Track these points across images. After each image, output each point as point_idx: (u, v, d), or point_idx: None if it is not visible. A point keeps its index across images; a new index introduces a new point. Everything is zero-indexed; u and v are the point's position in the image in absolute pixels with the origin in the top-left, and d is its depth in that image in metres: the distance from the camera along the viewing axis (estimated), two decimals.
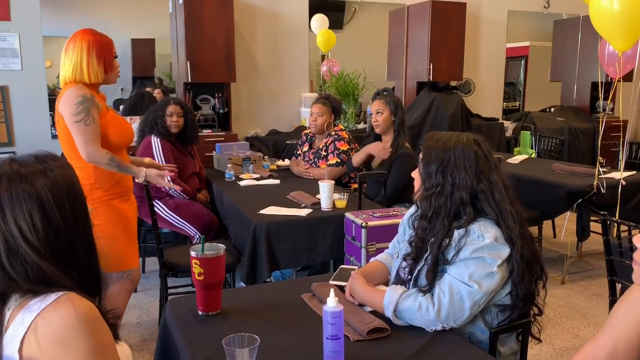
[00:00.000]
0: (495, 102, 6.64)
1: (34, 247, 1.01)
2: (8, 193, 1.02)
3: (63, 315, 0.95)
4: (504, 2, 6.39)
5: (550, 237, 4.76)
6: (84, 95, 2.26)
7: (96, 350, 0.98)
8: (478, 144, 1.61)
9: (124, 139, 2.44)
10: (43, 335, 0.94)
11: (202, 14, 4.66)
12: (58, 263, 1.04)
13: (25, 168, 1.05)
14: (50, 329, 0.95)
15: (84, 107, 2.25)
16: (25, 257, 1.01)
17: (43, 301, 0.97)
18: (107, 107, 2.44)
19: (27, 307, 0.97)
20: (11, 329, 0.96)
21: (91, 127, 2.26)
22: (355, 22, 6.28)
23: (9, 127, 4.45)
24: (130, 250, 2.49)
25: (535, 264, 1.56)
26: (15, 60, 4.44)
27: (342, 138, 3.75)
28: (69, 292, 1.00)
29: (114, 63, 2.39)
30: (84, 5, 5.31)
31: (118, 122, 2.43)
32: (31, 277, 1.00)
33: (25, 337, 0.95)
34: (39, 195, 1.03)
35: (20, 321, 0.96)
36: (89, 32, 2.34)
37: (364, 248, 2.57)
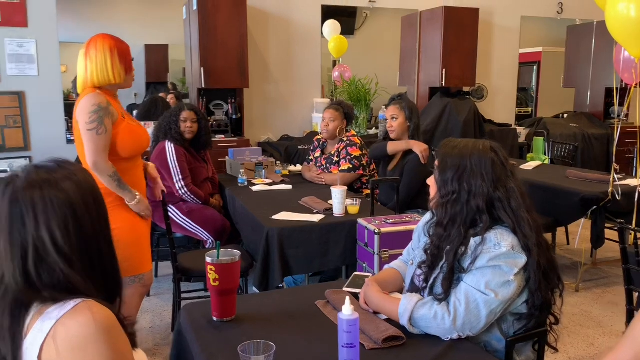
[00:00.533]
0: (508, 108, 6.61)
1: (64, 255, 1.01)
2: (42, 201, 1.01)
3: (82, 322, 0.96)
4: (517, 7, 6.36)
5: (564, 244, 4.72)
6: (99, 105, 2.28)
7: (115, 357, 0.98)
8: (495, 151, 1.60)
9: (137, 147, 2.45)
10: (62, 342, 0.95)
11: (215, 21, 4.70)
12: (86, 270, 1.04)
13: (52, 174, 1.04)
14: (68, 337, 0.95)
15: (98, 117, 2.27)
16: (53, 265, 1.00)
17: (62, 308, 0.98)
18: (124, 113, 2.46)
19: (46, 313, 0.98)
20: (30, 336, 0.97)
21: (102, 137, 2.28)
22: (366, 27, 6.29)
23: (25, 132, 4.50)
24: (142, 254, 2.50)
25: (552, 273, 1.55)
26: (32, 66, 4.50)
27: (354, 144, 3.75)
28: (87, 299, 1.00)
29: (132, 66, 2.44)
30: (99, 11, 5.37)
31: (133, 130, 2.43)
32: (57, 285, 1.00)
33: (44, 344, 0.95)
34: (70, 201, 1.03)
35: (39, 328, 0.97)
36: (109, 36, 2.38)
37: (376, 255, 2.56)
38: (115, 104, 2.40)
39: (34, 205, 1.00)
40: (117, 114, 2.36)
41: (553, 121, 6.44)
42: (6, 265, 0.99)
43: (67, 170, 1.07)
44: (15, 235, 0.99)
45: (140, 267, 2.47)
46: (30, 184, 1.02)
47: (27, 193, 1.01)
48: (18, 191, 1.01)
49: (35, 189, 1.01)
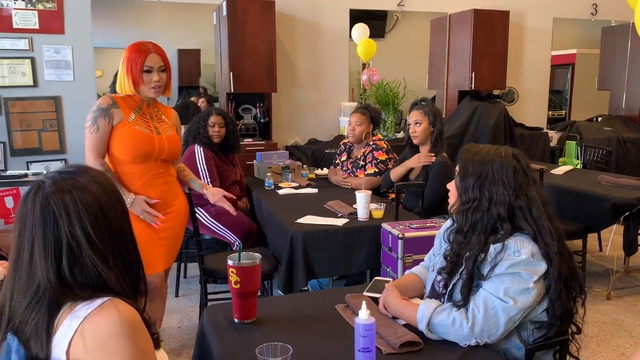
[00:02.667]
0: (539, 111, 6.49)
1: (98, 252, 1.06)
2: (73, 202, 1.06)
3: (107, 319, 1.01)
4: (549, 9, 6.26)
5: (596, 250, 4.61)
6: (99, 106, 2.39)
7: (137, 354, 1.02)
8: (517, 159, 1.59)
9: (138, 151, 2.41)
10: (89, 339, 0.99)
11: (244, 26, 4.77)
12: (118, 268, 1.09)
13: (77, 178, 1.10)
14: (95, 333, 1.00)
15: (93, 117, 2.38)
16: (87, 263, 1.05)
17: (89, 306, 1.02)
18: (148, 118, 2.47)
19: (74, 311, 1.03)
20: (60, 332, 1.02)
21: (93, 135, 2.38)
22: (397, 30, 6.28)
23: (61, 135, 4.65)
24: (150, 256, 2.42)
25: (574, 282, 1.53)
26: (68, 72, 4.65)
27: (381, 148, 3.76)
28: (113, 297, 1.05)
29: (143, 77, 2.39)
30: (132, 17, 5.52)
31: (135, 134, 2.40)
32: (90, 284, 1.05)
33: (72, 340, 1.00)
34: (99, 201, 1.08)
35: (68, 325, 1.02)
36: (129, 46, 2.43)
37: (400, 259, 2.57)
38: (130, 107, 2.43)
39: (66, 206, 1.05)
40: (122, 117, 2.39)
41: (586, 125, 6.30)
42: (40, 266, 1.04)
43: (89, 174, 1.12)
44: (49, 236, 1.04)
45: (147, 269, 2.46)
46: (59, 188, 1.07)
47: (57, 196, 1.06)
48: (48, 195, 1.06)
49: (65, 192, 1.06)
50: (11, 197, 2.50)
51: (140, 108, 2.47)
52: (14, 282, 1.06)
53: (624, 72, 6.57)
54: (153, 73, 2.40)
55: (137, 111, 2.46)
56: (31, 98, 4.55)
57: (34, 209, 1.06)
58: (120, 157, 2.42)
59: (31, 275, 1.04)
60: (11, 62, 4.48)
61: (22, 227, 1.06)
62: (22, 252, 1.05)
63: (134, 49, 2.40)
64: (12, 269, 1.07)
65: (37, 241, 1.04)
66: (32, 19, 4.49)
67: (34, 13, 4.49)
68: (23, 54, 4.50)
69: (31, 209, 1.06)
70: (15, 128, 4.52)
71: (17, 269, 1.06)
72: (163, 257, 2.55)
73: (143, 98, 2.48)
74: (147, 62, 2.38)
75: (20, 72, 4.51)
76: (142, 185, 2.46)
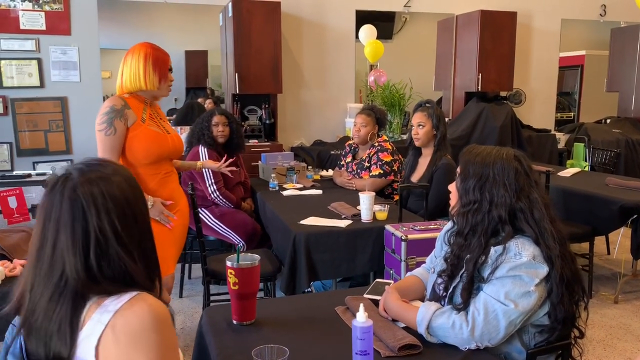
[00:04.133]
0: (547, 112, 6.45)
1: (125, 246, 1.05)
2: (101, 195, 1.04)
3: (140, 314, 1.00)
4: (557, 10, 6.21)
5: (604, 253, 4.57)
6: (112, 107, 2.34)
7: (168, 347, 1.02)
8: (518, 160, 1.56)
9: (155, 152, 2.41)
10: (121, 332, 0.99)
11: (250, 27, 4.77)
12: (142, 261, 1.09)
13: (103, 171, 1.08)
14: (127, 327, 0.99)
15: (108, 118, 2.32)
16: (115, 257, 1.04)
17: (118, 300, 1.01)
18: (154, 118, 2.49)
19: (103, 305, 1.01)
20: (88, 327, 1.01)
21: (110, 137, 2.33)
22: (405, 32, 6.26)
23: (67, 136, 4.68)
24: (165, 257, 2.39)
25: (577, 285, 1.51)
26: (74, 73, 4.67)
27: (386, 149, 3.74)
28: (141, 292, 1.04)
29: (168, 76, 2.47)
30: (140, 18, 5.53)
31: (150, 135, 2.41)
32: (117, 277, 1.04)
33: (103, 335, 0.99)
34: (125, 194, 1.08)
35: (97, 319, 1.00)
36: (147, 45, 2.44)
37: (403, 261, 2.55)
38: (139, 108, 2.42)
39: (94, 199, 1.04)
40: (135, 118, 2.37)
41: (594, 126, 6.24)
42: (68, 259, 1.02)
43: (113, 167, 1.11)
44: (78, 228, 1.02)
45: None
46: (86, 180, 1.05)
47: (85, 188, 1.04)
48: (76, 187, 1.04)
49: (93, 184, 1.05)
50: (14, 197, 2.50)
51: (146, 108, 2.47)
52: (35, 273, 1.04)
53: (633, 74, 6.51)
54: (171, 73, 2.51)
55: (145, 111, 2.45)
56: (38, 99, 4.58)
57: (62, 201, 1.04)
58: (135, 158, 2.40)
59: (53, 267, 1.03)
60: (18, 63, 4.51)
61: (47, 218, 1.04)
62: (45, 243, 1.04)
63: (155, 48, 2.44)
64: (33, 260, 1.05)
65: (64, 233, 1.02)
66: (39, 20, 4.51)
67: (41, 14, 4.52)
68: (30, 55, 4.54)
69: (59, 200, 1.04)
70: (22, 128, 4.55)
71: (39, 259, 1.04)
72: (173, 258, 2.57)
73: (146, 98, 2.48)
74: (170, 62, 2.49)
75: (27, 73, 4.54)
76: (156, 185, 2.46)
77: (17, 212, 2.55)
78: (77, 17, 4.64)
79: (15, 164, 4.56)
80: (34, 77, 4.55)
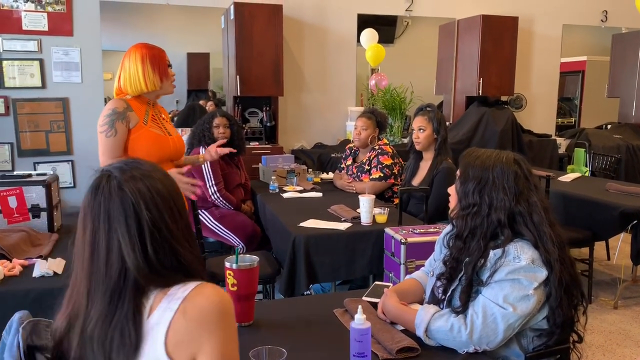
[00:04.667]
0: (548, 118, 6.45)
1: (177, 239, 1.06)
2: (148, 191, 1.05)
3: (210, 298, 1.02)
4: (558, 16, 6.22)
5: (604, 259, 4.56)
6: (114, 109, 2.34)
7: (233, 334, 1.05)
8: (518, 164, 1.57)
9: (155, 154, 2.40)
10: (192, 316, 1.00)
11: (252, 30, 4.78)
12: (193, 253, 1.10)
13: (143, 168, 1.09)
14: (199, 312, 1.00)
15: (110, 120, 2.33)
16: (170, 249, 1.05)
17: (185, 288, 1.03)
18: (157, 120, 2.48)
19: (169, 294, 1.02)
20: (156, 314, 1.01)
21: (110, 139, 2.33)
22: (406, 36, 6.27)
23: (68, 136, 4.68)
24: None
25: (575, 290, 1.51)
26: (76, 74, 4.68)
27: (386, 152, 3.74)
28: (202, 282, 1.05)
29: (169, 71, 2.47)
30: (142, 20, 5.55)
31: (152, 137, 2.41)
32: (175, 268, 1.05)
33: (173, 320, 1.00)
34: (168, 189, 1.09)
35: (166, 307, 1.01)
36: (142, 45, 2.43)
37: (403, 264, 2.55)
38: (141, 110, 2.42)
39: (143, 195, 1.04)
40: (137, 120, 2.38)
41: (595, 132, 6.25)
42: (127, 255, 1.02)
43: (149, 164, 1.12)
44: (132, 223, 1.03)
45: None
46: (130, 177, 1.06)
47: (131, 185, 1.05)
48: (122, 184, 1.05)
49: (137, 181, 1.06)
50: (14, 197, 2.50)
51: (148, 110, 2.47)
52: (92, 279, 1.03)
53: (634, 80, 6.52)
54: (171, 69, 2.49)
55: (147, 113, 2.45)
56: (39, 99, 4.58)
57: (111, 199, 1.04)
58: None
59: (110, 268, 1.02)
60: (20, 64, 4.52)
61: (96, 220, 1.04)
62: (97, 246, 1.03)
63: (149, 46, 2.44)
64: (87, 267, 1.04)
65: (120, 230, 1.02)
66: (41, 21, 4.52)
67: (44, 15, 4.53)
68: (32, 56, 4.54)
69: (107, 199, 1.04)
70: (24, 129, 4.55)
71: (93, 264, 1.03)
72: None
73: (149, 99, 2.48)
74: (167, 59, 2.47)
75: (29, 74, 4.54)
76: None
77: (17, 211, 2.54)
78: (80, 19, 4.65)
79: (16, 164, 4.56)
80: (35, 78, 4.55)
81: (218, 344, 1.00)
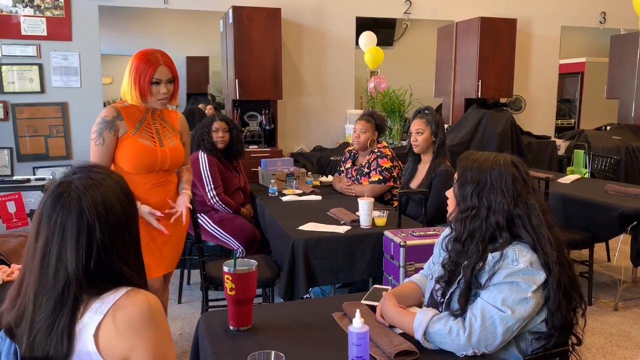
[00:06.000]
0: (547, 119, 6.45)
1: (122, 257, 1.13)
2: (105, 211, 1.11)
3: (138, 304, 1.08)
4: (557, 18, 6.23)
5: (604, 260, 4.56)
6: (104, 117, 2.36)
7: (165, 335, 1.12)
8: (516, 166, 1.57)
9: (140, 163, 2.39)
10: (121, 322, 1.06)
11: (250, 33, 4.78)
12: (134, 265, 1.16)
13: (106, 185, 1.14)
14: (128, 316, 1.06)
15: (99, 128, 2.35)
16: (112, 264, 1.11)
17: (116, 294, 1.09)
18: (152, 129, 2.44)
19: (101, 298, 1.08)
20: (86, 317, 1.07)
21: (99, 148, 2.36)
22: (406, 39, 6.27)
23: (67, 141, 4.69)
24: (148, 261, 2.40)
25: (574, 292, 1.51)
26: (75, 78, 4.69)
27: (385, 155, 3.74)
28: (134, 287, 1.12)
29: (151, 89, 2.33)
30: (141, 24, 5.55)
31: (138, 147, 2.38)
32: (113, 280, 1.11)
33: (101, 324, 1.06)
34: (127, 213, 1.16)
35: (95, 310, 1.07)
36: (139, 54, 2.35)
37: (402, 267, 2.54)
38: (134, 118, 2.39)
39: (99, 214, 1.10)
40: (125, 129, 2.37)
41: (595, 133, 6.24)
42: (71, 268, 1.07)
43: (112, 180, 1.16)
44: (82, 241, 1.09)
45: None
46: (90, 191, 1.11)
47: (89, 200, 1.10)
48: (81, 199, 1.10)
49: (96, 195, 1.11)
50: (13, 202, 2.50)
51: (145, 118, 2.44)
52: (40, 283, 1.08)
53: (633, 81, 6.52)
54: (161, 85, 2.34)
55: (141, 122, 2.43)
56: (38, 104, 4.59)
57: (69, 213, 1.09)
58: (124, 167, 2.40)
59: (57, 276, 1.08)
60: (19, 69, 4.52)
61: (52, 229, 1.09)
62: (49, 253, 1.08)
63: (143, 59, 2.32)
64: (37, 270, 1.09)
65: (70, 245, 1.08)
66: (40, 26, 4.53)
67: (42, 20, 4.54)
68: (31, 60, 4.55)
69: (66, 212, 1.09)
70: (23, 134, 4.55)
71: (42, 269, 1.09)
72: (163, 262, 2.54)
73: (147, 107, 2.46)
74: (156, 74, 2.32)
75: (28, 78, 4.55)
76: (143, 194, 2.42)
77: (16, 217, 2.55)
78: (78, 23, 4.66)
79: (16, 169, 4.56)
80: (34, 83, 4.56)
81: (148, 347, 1.07)
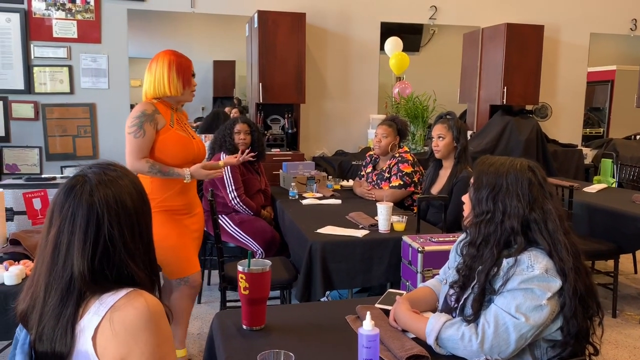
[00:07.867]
0: (574, 127, 6.34)
1: (130, 253, 1.12)
2: (115, 205, 1.11)
3: (137, 307, 1.06)
4: (585, 24, 6.13)
5: (630, 272, 4.45)
6: (143, 111, 2.44)
7: (163, 341, 1.09)
8: (532, 171, 1.55)
9: (180, 155, 2.53)
10: (118, 326, 1.05)
11: (275, 38, 4.82)
12: (144, 265, 1.15)
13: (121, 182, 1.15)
14: (125, 319, 1.05)
15: (139, 122, 2.42)
16: (119, 263, 1.11)
17: (115, 295, 1.08)
18: (181, 123, 2.58)
19: (100, 299, 1.08)
20: (86, 318, 1.07)
21: (139, 140, 2.42)
22: (432, 44, 6.24)
23: (94, 141, 4.79)
24: (186, 257, 2.59)
25: (591, 300, 1.47)
26: (103, 80, 4.79)
27: (406, 160, 3.72)
28: (136, 288, 1.10)
29: (192, 81, 2.56)
30: (169, 28, 5.64)
31: (178, 139, 2.52)
32: (119, 280, 1.11)
33: (99, 326, 1.05)
34: (137, 209, 1.15)
35: (95, 311, 1.06)
36: (171, 52, 2.53)
37: (419, 273, 2.53)
38: (167, 113, 2.52)
39: (109, 208, 1.10)
40: (164, 122, 2.48)
41: (624, 142, 6.11)
42: (76, 260, 1.08)
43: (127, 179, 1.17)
44: (90, 233, 1.09)
45: (186, 270, 2.56)
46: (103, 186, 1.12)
47: (101, 194, 1.11)
48: (93, 192, 1.10)
49: (109, 191, 1.12)
50: (39, 199, 2.57)
51: (173, 114, 2.56)
52: (50, 273, 1.10)
53: None
54: (194, 78, 2.59)
55: (172, 117, 2.55)
56: (68, 105, 4.70)
57: (80, 204, 1.10)
58: (164, 159, 2.49)
59: (65, 268, 1.09)
60: (51, 70, 4.65)
61: (64, 220, 1.10)
62: (60, 244, 1.09)
63: (178, 54, 2.54)
64: (49, 260, 1.10)
65: (77, 237, 1.08)
66: (71, 29, 4.65)
67: (73, 23, 4.65)
68: (62, 62, 4.67)
69: (77, 203, 1.10)
70: (52, 133, 4.67)
71: (54, 260, 1.10)
72: (196, 256, 2.68)
73: (172, 104, 2.55)
74: (192, 68, 2.57)
75: (58, 80, 4.67)
76: (181, 189, 2.55)
77: (41, 213, 2.62)
78: (108, 26, 4.77)
79: (44, 168, 4.68)
80: (64, 84, 4.68)
81: (146, 351, 1.05)
